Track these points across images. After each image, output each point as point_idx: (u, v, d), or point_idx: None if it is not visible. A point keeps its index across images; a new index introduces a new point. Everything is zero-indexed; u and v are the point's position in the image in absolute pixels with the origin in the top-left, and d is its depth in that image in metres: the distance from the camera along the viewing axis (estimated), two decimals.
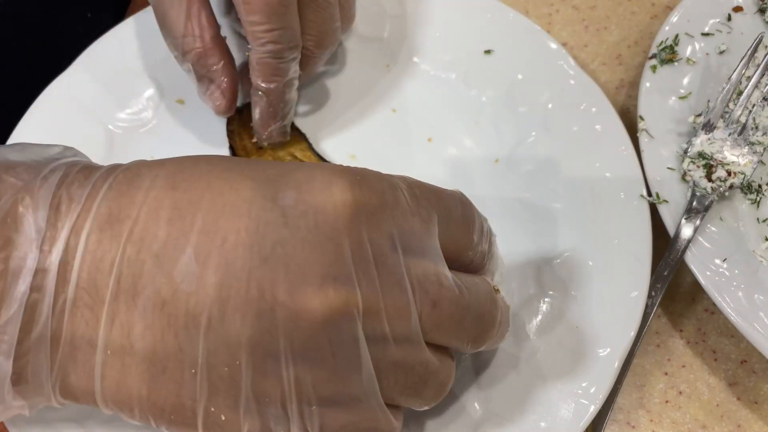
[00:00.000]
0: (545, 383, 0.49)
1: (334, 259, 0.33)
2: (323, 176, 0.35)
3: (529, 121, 0.61)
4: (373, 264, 0.34)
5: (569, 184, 0.58)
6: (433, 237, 0.37)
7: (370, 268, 0.34)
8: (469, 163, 0.61)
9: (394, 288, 0.35)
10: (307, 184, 0.35)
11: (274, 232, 0.33)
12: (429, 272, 0.36)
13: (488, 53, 0.64)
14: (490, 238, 0.43)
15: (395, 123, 0.63)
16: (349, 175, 0.35)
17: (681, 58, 0.61)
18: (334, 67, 0.66)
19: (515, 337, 0.52)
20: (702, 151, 0.56)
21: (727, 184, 0.55)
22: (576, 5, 0.72)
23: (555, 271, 0.55)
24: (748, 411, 0.53)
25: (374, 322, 0.34)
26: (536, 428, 0.48)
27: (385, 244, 0.35)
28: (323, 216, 0.33)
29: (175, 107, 0.63)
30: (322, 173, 0.35)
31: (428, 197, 0.38)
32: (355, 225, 0.34)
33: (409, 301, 0.35)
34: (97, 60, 0.63)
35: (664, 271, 0.53)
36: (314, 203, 0.34)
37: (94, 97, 0.62)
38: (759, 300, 0.51)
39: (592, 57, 0.69)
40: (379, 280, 0.34)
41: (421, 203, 0.37)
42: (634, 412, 0.54)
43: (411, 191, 0.38)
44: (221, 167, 0.36)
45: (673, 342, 0.56)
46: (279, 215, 0.33)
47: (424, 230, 0.37)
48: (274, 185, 0.35)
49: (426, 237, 0.37)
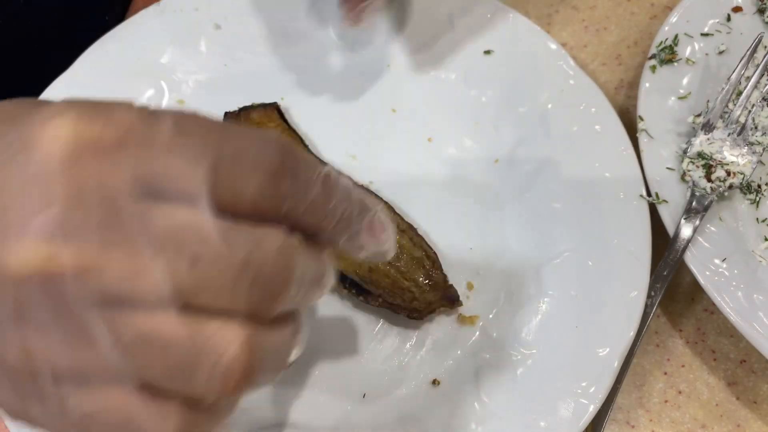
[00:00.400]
0: (545, 383, 0.50)
1: (40, 205, 0.27)
2: (50, 109, 0.30)
3: (529, 121, 0.61)
4: (99, 212, 0.28)
5: (569, 184, 0.58)
6: (199, 181, 0.30)
7: (91, 217, 0.28)
8: (469, 163, 0.61)
9: (128, 242, 0.28)
10: (29, 117, 0.30)
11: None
12: (187, 224, 0.29)
13: (488, 53, 0.64)
14: (360, 206, 0.35)
15: (395, 123, 0.63)
16: (80, 107, 0.30)
17: (680, 59, 0.61)
18: (334, 67, 0.66)
19: (515, 337, 0.52)
20: (701, 151, 0.56)
21: (726, 184, 0.55)
22: (575, 5, 0.72)
23: (555, 272, 0.55)
24: (747, 410, 0.54)
25: (98, 282, 0.28)
26: (536, 428, 0.48)
27: (121, 189, 0.28)
28: (35, 154, 0.28)
29: (176, 108, 0.63)
30: (54, 105, 0.30)
31: (202, 134, 0.31)
32: (74, 165, 0.28)
33: (151, 257, 0.28)
34: (97, 60, 0.63)
35: (664, 271, 0.53)
36: (29, 139, 0.29)
37: (95, 97, 0.62)
38: (758, 300, 0.51)
39: (592, 57, 0.69)
40: (106, 232, 0.28)
41: (189, 140, 0.30)
42: (634, 412, 0.54)
43: (178, 126, 0.30)
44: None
45: (673, 342, 0.56)
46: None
47: (188, 173, 0.29)
48: (9, 122, 0.31)
49: (189, 181, 0.29)
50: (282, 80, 0.65)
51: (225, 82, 0.65)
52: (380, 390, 0.52)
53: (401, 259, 0.54)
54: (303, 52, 0.66)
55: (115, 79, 0.63)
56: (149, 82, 0.63)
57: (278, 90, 0.65)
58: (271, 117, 0.62)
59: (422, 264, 0.54)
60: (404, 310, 0.53)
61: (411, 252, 0.55)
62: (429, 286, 0.54)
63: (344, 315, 0.55)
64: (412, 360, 0.53)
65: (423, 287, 0.54)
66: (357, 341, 0.54)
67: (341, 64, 0.66)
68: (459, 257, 0.57)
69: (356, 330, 0.54)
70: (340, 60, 0.66)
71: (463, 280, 0.56)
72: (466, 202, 0.59)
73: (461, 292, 0.55)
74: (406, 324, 0.54)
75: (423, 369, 0.53)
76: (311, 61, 0.66)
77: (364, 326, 0.54)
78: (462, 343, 0.53)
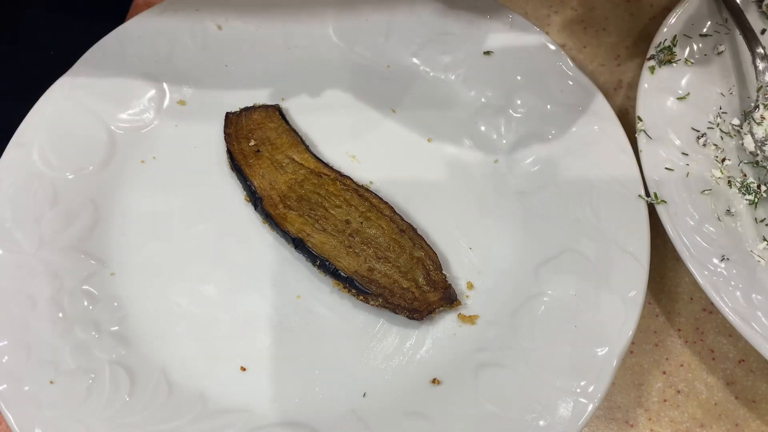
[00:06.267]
0: (544, 382, 0.50)
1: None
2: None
3: (528, 121, 0.62)
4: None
5: (568, 184, 0.58)
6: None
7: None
8: (469, 163, 0.62)
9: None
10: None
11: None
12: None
13: (488, 54, 0.64)
14: None
15: (395, 123, 0.64)
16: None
17: (679, 59, 0.61)
18: (334, 68, 0.66)
19: (514, 337, 0.53)
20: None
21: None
22: (575, 7, 0.72)
23: (554, 271, 0.55)
24: (746, 410, 0.54)
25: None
26: (535, 427, 0.48)
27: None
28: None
29: (176, 108, 0.64)
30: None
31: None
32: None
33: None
34: (98, 61, 0.63)
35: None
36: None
37: (96, 97, 0.62)
38: (757, 300, 0.51)
39: (591, 58, 0.70)
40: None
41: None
42: (633, 411, 0.54)
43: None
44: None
45: (672, 341, 0.57)
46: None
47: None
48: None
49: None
50: (282, 81, 0.65)
51: (225, 82, 0.65)
52: (380, 389, 0.52)
53: (401, 259, 0.55)
54: (303, 53, 0.66)
55: (117, 80, 0.63)
56: (150, 84, 0.64)
57: (279, 90, 0.65)
58: (272, 117, 0.62)
59: (422, 264, 0.55)
60: (404, 310, 0.53)
61: (411, 252, 0.55)
62: (429, 286, 0.54)
63: (344, 315, 0.55)
64: (412, 359, 0.53)
65: (423, 287, 0.54)
66: (357, 341, 0.54)
67: (341, 65, 0.66)
68: (459, 257, 0.57)
69: (356, 329, 0.54)
70: (340, 60, 0.66)
71: (463, 280, 0.56)
72: (466, 202, 0.60)
73: (461, 292, 0.56)
74: (406, 324, 0.55)
75: (423, 368, 0.53)
76: (311, 61, 0.66)
77: (364, 326, 0.55)
78: (462, 342, 0.54)
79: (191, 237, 0.58)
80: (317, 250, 0.55)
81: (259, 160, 0.60)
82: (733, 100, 0.61)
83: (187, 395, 0.51)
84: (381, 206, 0.57)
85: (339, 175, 0.59)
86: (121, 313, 0.54)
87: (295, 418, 0.51)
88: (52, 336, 0.52)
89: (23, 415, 0.48)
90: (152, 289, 0.56)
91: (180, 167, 0.61)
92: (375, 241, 0.55)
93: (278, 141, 0.61)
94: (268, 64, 0.66)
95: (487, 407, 0.49)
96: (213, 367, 0.53)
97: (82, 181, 0.59)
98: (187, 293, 0.56)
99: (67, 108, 0.61)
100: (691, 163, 0.57)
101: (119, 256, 0.57)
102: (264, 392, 0.52)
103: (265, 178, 0.59)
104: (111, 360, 0.52)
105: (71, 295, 0.54)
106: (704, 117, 0.59)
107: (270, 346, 0.54)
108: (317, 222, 0.56)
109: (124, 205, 0.59)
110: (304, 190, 0.58)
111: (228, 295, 0.56)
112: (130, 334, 0.54)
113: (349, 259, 0.55)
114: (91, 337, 0.53)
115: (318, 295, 0.56)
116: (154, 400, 0.50)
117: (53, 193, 0.58)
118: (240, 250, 0.58)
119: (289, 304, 0.55)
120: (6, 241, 0.55)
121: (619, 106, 0.66)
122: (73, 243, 0.56)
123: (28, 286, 0.54)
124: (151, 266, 0.57)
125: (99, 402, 0.50)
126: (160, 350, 0.53)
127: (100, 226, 0.58)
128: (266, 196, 0.58)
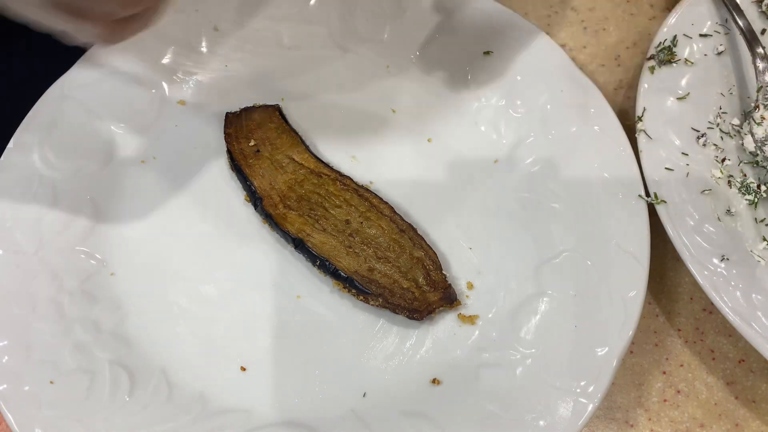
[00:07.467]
0: (544, 382, 0.50)
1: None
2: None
3: (528, 121, 0.62)
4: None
5: (568, 184, 0.58)
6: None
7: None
8: (469, 163, 0.62)
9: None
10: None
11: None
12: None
13: (488, 54, 0.64)
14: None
15: (395, 123, 0.64)
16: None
17: (679, 59, 0.61)
18: (334, 68, 0.66)
19: (515, 337, 0.53)
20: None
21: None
22: (575, 7, 0.72)
23: (554, 271, 0.55)
24: (746, 410, 0.54)
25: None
26: (535, 427, 0.48)
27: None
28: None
29: (176, 108, 0.64)
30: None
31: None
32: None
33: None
34: (99, 61, 0.63)
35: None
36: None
37: (96, 98, 0.62)
38: (757, 300, 0.51)
39: (591, 58, 0.70)
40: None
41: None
42: (633, 411, 0.54)
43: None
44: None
45: (672, 341, 0.57)
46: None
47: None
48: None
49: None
50: (282, 80, 0.65)
51: (225, 82, 0.65)
52: (380, 389, 0.52)
53: (401, 259, 0.55)
54: (303, 53, 0.66)
55: (117, 80, 0.63)
56: (151, 84, 0.64)
57: (278, 90, 0.65)
58: (272, 117, 0.62)
59: (422, 264, 0.55)
60: (404, 310, 0.53)
61: (411, 252, 0.55)
62: (429, 286, 0.54)
63: (344, 315, 0.55)
64: (412, 359, 0.53)
65: (423, 287, 0.54)
66: (357, 341, 0.54)
67: (341, 65, 0.66)
68: (459, 257, 0.57)
69: (356, 330, 0.55)
70: (340, 60, 0.66)
71: (463, 280, 0.56)
72: (466, 203, 0.60)
73: (461, 292, 0.56)
74: (406, 323, 0.55)
75: (423, 368, 0.53)
76: (311, 61, 0.66)
77: (364, 326, 0.55)
78: (462, 342, 0.54)
79: (191, 237, 0.58)
80: (317, 250, 0.55)
81: (259, 160, 0.60)
82: (733, 100, 0.61)
83: (187, 395, 0.51)
84: (381, 206, 0.57)
85: (339, 175, 0.59)
86: (121, 313, 0.54)
87: (295, 418, 0.51)
88: (52, 336, 0.52)
89: (23, 415, 0.48)
90: (152, 289, 0.56)
91: (180, 167, 0.61)
92: (375, 241, 0.55)
93: (278, 141, 0.61)
94: (267, 64, 0.66)
95: (488, 407, 0.49)
96: (213, 367, 0.53)
97: (82, 181, 0.59)
98: (187, 293, 0.56)
99: (67, 108, 0.61)
100: (691, 163, 0.57)
101: (119, 256, 0.57)
102: (264, 392, 0.52)
103: (265, 178, 0.59)
104: (111, 360, 0.52)
105: (71, 295, 0.54)
106: (704, 117, 0.59)
107: (270, 346, 0.54)
108: (317, 222, 0.56)
109: (124, 205, 0.59)
110: (304, 190, 0.58)
111: (228, 295, 0.56)
112: (130, 334, 0.54)
113: (349, 259, 0.55)
114: (91, 337, 0.53)
115: (318, 295, 0.56)
116: (154, 400, 0.50)
117: (53, 193, 0.58)
118: (240, 250, 0.58)
119: (289, 304, 0.55)
120: (6, 241, 0.55)
121: (619, 106, 0.66)
122: (73, 243, 0.56)
123: (28, 286, 0.54)
124: (151, 266, 0.57)
125: (99, 402, 0.50)
126: (160, 350, 0.53)
127: (100, 226, 0.58)
128: (266, 196, 0.58)
